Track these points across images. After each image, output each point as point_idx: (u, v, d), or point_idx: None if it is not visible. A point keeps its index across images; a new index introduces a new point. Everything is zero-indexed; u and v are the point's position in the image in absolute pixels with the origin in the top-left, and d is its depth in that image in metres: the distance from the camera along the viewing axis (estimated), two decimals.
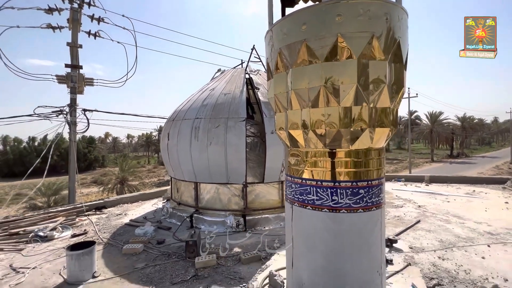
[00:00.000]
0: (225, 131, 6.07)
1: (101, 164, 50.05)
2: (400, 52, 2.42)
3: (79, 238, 5.77)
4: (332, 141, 2.48)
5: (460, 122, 49.50)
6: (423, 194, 9.02)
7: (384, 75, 2.33)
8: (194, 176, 6.51)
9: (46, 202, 19.51)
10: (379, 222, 2.63)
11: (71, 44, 9.52)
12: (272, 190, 6.41)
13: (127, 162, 28.90)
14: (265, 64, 3.11)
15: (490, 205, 7.42)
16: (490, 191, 9.19)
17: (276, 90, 2.82)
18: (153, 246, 5.20)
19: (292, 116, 2.67)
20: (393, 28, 2.34)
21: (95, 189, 31.62)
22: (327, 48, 2.29)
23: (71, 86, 9.61)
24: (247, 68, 7.87)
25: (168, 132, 7.00)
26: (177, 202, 7.12)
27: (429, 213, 6.88)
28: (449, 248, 4.68)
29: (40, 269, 4.38)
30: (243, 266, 4.25)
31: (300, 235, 2.75)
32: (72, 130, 9.51)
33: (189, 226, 6.27)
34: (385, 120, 2.50)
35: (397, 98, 2.53)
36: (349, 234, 2.52)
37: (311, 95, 2.44)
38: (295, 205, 2.79)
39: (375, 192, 2.56)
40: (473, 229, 5.59)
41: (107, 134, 76.47)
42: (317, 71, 2.37)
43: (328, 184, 2.53)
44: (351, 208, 2.49)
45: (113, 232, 6.10)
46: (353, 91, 2.31)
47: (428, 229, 5.68)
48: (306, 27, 2.37)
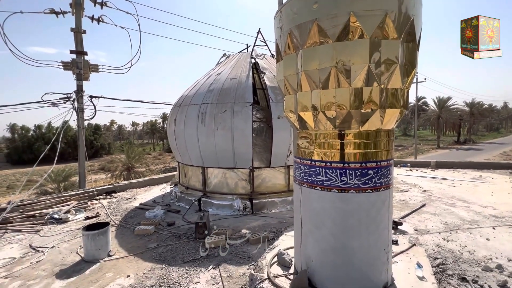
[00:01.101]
0: (232, 116, 6.09)
1: (107, 152, 50.81)
2: (413, 31, 2.38)
3: (92, 220, 5.98)
4: (342, 123, 2.49)
5: (468, 108, 48.51)
6: (429, 179, 9.03)
7: (396, 55, 2.30)
8: (201, 161, 6.61)
9: (56, 188, 20.10)
10: (387, 202, 2.68)
11: (75, 30, 9.44)
12: (279, 175, 6.49)
13: (133, 149, 29.29)
14: (275, 46, 3.08)
15: (497, 189, 7.42)
16: (497, 176, 9.15)
17: (286, 72, 2.80)
18: (163, 227, 5.38)
19: (302, 98, 2.67)
20: (406, 6, 2.29)
21: (102, 176, 32.26)
22: (339, 27, 2.26)
23: (77, 73, 9.62)
24: (252, 52, 7.77)
25: (175, 118, 7.05)
26: (185, 186, 7.28)
27: (435, 197, 6.92)
28: (453, 230, 4.75)
29: (58, 248, 4.59)
30: (251, 246, 4.40)
31: (309, 215, 2.82)
32: (80, 117, 9.61)
33: (198, 210, 6.44)
34: (396, 101, 2.49)
35: (409, 78, 2.51)
36: (357, 213, 2.58)
37: (322, 76, 2.43)
38: (304, 186, 2.84)
39: (383, 173, 2.60)
40: (478, 213, 5.63)
41: (112, 121, 77.12)
42: (328, 52, 2.35)
43: (337, 165, 2.57)
44: (360, 189, 2.54)
45: (125, 215, 6.31)
46: (364, 72, 2.30)
47: (433, 212, 5.74)
48: (317, 5, 2.33)
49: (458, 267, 3.51)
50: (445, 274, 3.35)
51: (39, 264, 4.07)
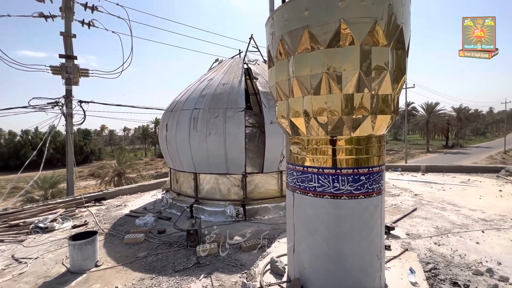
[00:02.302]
0: (224, 121, 6.05)
1: (97, 157, 49.77)
2: (402, 39, 2.42)
3: (79, 229, 5.79)
4: (334, 129, 2.50)
5: (455, 113, 49.85)
6: (420, 183, 9.16)
7: (386, 62, 2.33)
8: (193, 167, 6.52)
9: (43, 195, 19.47)
10: (379, 208, 2.68)
11: (65, 34, 9.29)
12: (271, 180, 6.46)
13: (124, 154, 28.81)
14: (266, 52, 3.08)
15: (485, 193, 7.58)
16: (484, 179, 9.36)
17: (277, 78, 2.80)
18: (154, 235, 5.25)
19: (294, 104, 2.67)
20: (396, 14, 2.32)
21: (92, 182, 31.55)
22: (329, 34, 2.28)
23: (66, 77, 9.44)
24: (245, 58, 7.79)
25: (166, 123, 6.96)
26: (177, 193, 7.15)
27: (425, 201, 7.01)
28: (444, 234, 4.80)
29: (42, 259, 4.41)
30: (244, 254, 4.32)
31: (302, 221, 2.80)
32: (68, 122, 9.39)
33: (189, 216, 6.32)
34: (386, 107, 2.51)
35: (399, 85, 2.54)
36: (350, 220, 2.57)
37: (313, 82, 2.44)
38: (296, 193, 2.82)
39: (375, 179, 2.60)
40: (467, 216, 5.72)
41: (103, 126, 75.91)
42: (319, 58, 2.36)
43: (330, 171, 2.56)
44: (352, 195, 2.53)
45: (114, 223, 6.14)
46: (355, 78, 2.31)
47: (425, 216, 5.80)
48: (308, 12, 2.34)
49: (450, 272, 3.53)
50: (437, 279, 3.36)
51: (22, 276, 3.89)
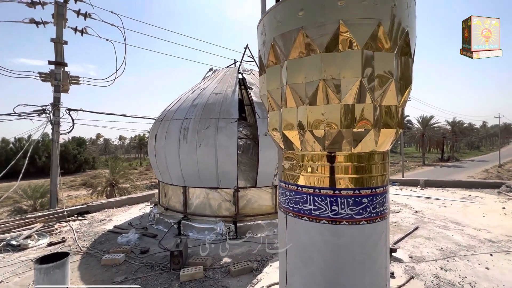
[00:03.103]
0: (216, 132, 5.75)
1: (91, 166, 48.90)
2: (408, 44, 2.16)
3: (55, 247, 5.33)
4: (332, 144, 2.19)
5: (450, 127, 50.30)
6: (419, 199, 8.84)
7: (391, 69, 2.06)
8: (182, 180, 6.14)
9: (32, 205, 18.72)
10: (383, 235, 2.34)
11: (55, 40, 9.06)
12: (265, 195, 6.09)
13: (119, 164, 28.24)
14: (257, 58, 2.81)
15: (488, 210, 7.27)
16: (485, 195, 9.08)
17: (269, 86, 2.52)
18: (135, 256, 4.81)
19: (287, 115, 2.37)
20: (401, 16, 2.07)
21: (84, 192, 30.77)
22: (327, 36, 2.01)
23: (54, 84, 9.13)
24: (240, 67, 7.58)
25: (155, 133, 6.63)
26: (165, 207, 6.74)
27: (427, 218, 6.67)
28: (450, 258, 4.44)
29: (6, 283, 3.95)
30: (233, 279, 3.91)
31: (295, 249, 2.44)
32: (55, 131, 9.01)
33: (177, 233, 5.89)
34: (391, 120, 2.22)
35: (404, 95, 2.26)
36: (350, 249, 2.22)
37: (309, 90, 2.15)
38: (290, 215, 2.48)
39: (379, 201, 2.27)
40: (473, 236, 5.38)
41: (98, 135, 75.12)
42: (315, 63, 2.08)
43: (327, 192, 2.23)
44: (353, 220, 2.19)
45: (94, 240, 5.68)
46: (356, 87, 2.03)
47: (427, 236, 5.45)
48: (303, 13, 2.08)
49: None
50: None
51: None
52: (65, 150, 41.65)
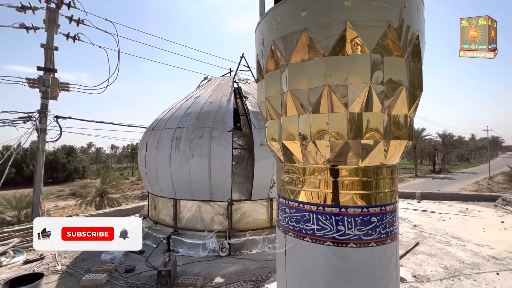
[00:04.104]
0: (210, 142, 5.51)
1: (81, 176, 47.54)
2: (418, 49, 2.01)
3: (32, 265, 4.89)
4: (338, 156, 1.98)
5: (441, 139, 51.11)
6: (417, 212, 8.66)
7: (402, 75, 1.89)
8: (173, 192, 5.83)
9: (16, 216, 17.84)
10: (394, 257, 2.11)
11: (46, 46, 8.81)
12: (260, 208, 5.81)
13: (110, 173, 27.49)
14: (255, 63, 2.63)
15: (487, 224, 7.12)
16: (483, 208, 8.97)
17: (268, 92, 2.32)
18: (120, 275, 4.43)
19: (287, 124, 2.17)
20: (410, 19, 1.93)
21: (72, 202, 29.71)
22: (332, 38, 1.84)
23: (43, 91, 8.81)
24: (235, 76, 7.45)
25: (146, 142, 6.34)
26: (154, 221, 6.36)
27: (427, 233, 6.47)
28: (455, 277, 4.21)
29: None
30: None
31: (296, 274, 2.18)
32: (40, 139, 8.61)
33: (166, 249, 5.52)
34: (401, 131, 2.04)
35: (414, 104, 2.09)
36: (359, 274, 1.98)
37: (312, 97, 1.96)
38: (290, 235, 2.23)
39: (389, 221, 2.06)
40: (476, 253, 5.18)
41: (90, 144, 73.71)
42: (319, 68, 1.90)
43: (332, 210, 2.00)
44: (362, 241, 1.96)
45: (76, 257, 5.27)
46: (364, 94, 1.85)
47: (429, 252, 5.22)
48: (306, 13, 1.92)
49: None
50: None
51: None
52: (55, 159, 40.47)
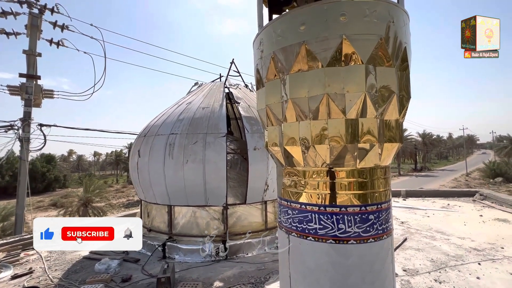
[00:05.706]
0: (204, 147, 5.56)
1: (62, 185, 45.61)
2: (406, 59, 2.20)
3: (21, 279, 4.72)
4: (337, 159, 2.13)
5: (421, 138, 53.36)
6: (403, 209, 9.05)
7: (393, 83, 2.08)
8: (167, 199, 5.81)
9: None
10: (390, 252, 2.27)
11: (28, 52, 8.53)
12: (255, 212, 5.91)
13: (93, 181, 26.57)
14: (254, 72, 2.75)
15: (467, 218, 7.57)
16: (462, 204, 9.50)
17: (268, 100, 2.44)
18: (117, 285, 4.37)
19: (289, 130, 2.30)
20: (399, 33, 2.12)
21: (53, 213, 28.44)
22: (330, 51, 1.99)
23: (25, 98, 8.51)
24: (226, 81, 7.54)
25: (138, 149, 6.29)
26: (148, 228, 6.30)
27: (413, 229, 6.79)
28: (442, 269, 4.48)
29: None
30: None
31: (300, 272, 2.29)
32: (24, 148, 8.30)
33: (161, 257, 5.49)
34: (393, 134, 2.22)
35: (404, 109, 2.29)
36: (359, 269, 2.12)
37: (312, 105, 2.10)
38: (293, 235, 2.35)
39: (384, 217, 2.22)
40: (459, 246, 5.51)
41: (71, 151, 70.99)
42: (319, 78, 2.04)
43: (333, 210, 2.14)
44: (361, 238, 2.11)
45: (67, 269, 5.12)
46: (360, 101, 2.01)
47: (417, 247, 5.51)
48: (305, 27, 2.07)
49: None
50: None
51: None
52: (33, 168, 38.66)
